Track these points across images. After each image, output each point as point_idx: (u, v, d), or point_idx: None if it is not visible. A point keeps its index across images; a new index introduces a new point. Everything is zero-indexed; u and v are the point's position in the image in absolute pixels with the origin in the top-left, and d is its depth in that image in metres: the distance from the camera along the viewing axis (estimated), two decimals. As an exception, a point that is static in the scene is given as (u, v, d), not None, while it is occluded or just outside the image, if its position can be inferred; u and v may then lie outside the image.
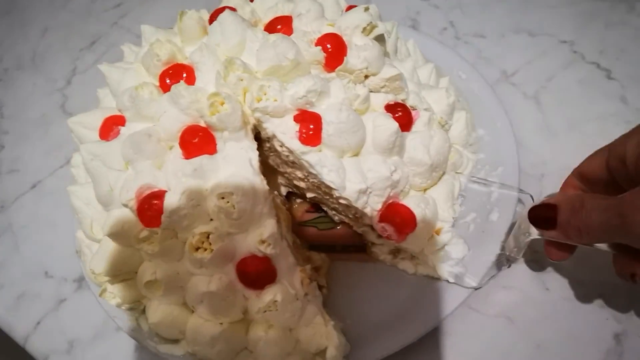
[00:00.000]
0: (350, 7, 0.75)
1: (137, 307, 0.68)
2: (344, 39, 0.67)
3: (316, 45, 0.66)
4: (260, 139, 0.67)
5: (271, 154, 0.70)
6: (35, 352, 0.75)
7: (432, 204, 0.66)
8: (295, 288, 0.60)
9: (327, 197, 0.68)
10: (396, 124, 0.62)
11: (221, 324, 0.61)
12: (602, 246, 0.55)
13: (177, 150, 0.61)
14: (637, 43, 0.91)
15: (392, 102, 0.67)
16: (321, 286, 0.68)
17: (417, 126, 0.68)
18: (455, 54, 0.90)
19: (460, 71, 0.87)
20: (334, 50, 0.66)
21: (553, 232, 0.55)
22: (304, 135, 0.62)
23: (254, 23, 0.73)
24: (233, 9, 0.72)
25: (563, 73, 0.90)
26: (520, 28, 0.97)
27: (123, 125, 0.67)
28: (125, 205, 0.60)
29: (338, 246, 0.76)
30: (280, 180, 0.74)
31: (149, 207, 0.59)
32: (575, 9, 0.97)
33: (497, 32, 0.97)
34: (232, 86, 0.62)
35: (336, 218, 0.73)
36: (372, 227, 0.67)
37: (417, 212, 0.64)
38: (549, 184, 0.78)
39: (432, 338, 0.67)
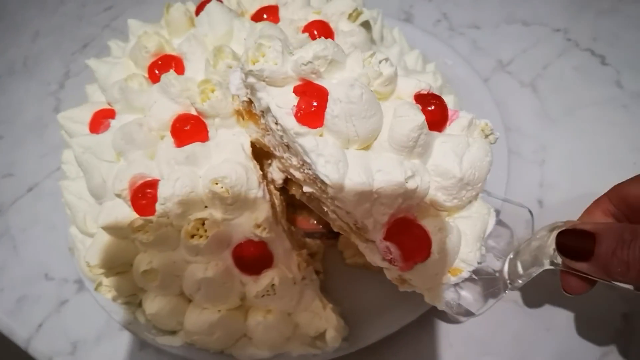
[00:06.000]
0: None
1: (133, 301, 0.68)
2: (331, 25, 0.67)
3: (303, 32, 0.66)
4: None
5: (267, 133, 0.58)
6: (38, 355, 0.74)
7: (456, 235, 0.51)
8: (292, 272, 0.60)
9: (325, 196, 0.54)
10: (422, 117, 0.48)
11: (219, 311, 0.60)
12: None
13: (169, 140, 0.61)
14: (629, 29, 0.92)
15: (426, 92, 0.53)
16: (318, 271, 0.68)
17: (452, 128, 0.54)
18: (442, 44, 0.91)
19: (446, 58, 0.89)
20: (321, 36, 0.64)
21: (584, 264, 0.47)
22: (302, 112, 0.49)
23: (240, 13, 0.73)
24: (219, 0, 0.72)
25: (558, 60, 0.91)
26: (514, 18, 0.99)
27: (113, 118, 0.67)
28: (118, 196, 0.60)
29: (332, 232, 0.74)
30: (278, 165, 0.63)
31: (143, 195, 0.59)
32: (567, -2, 0.98)
33: (491, 23, 0.99)
34: (221, 74, 0.62)
35: (337, 223, 0.58)
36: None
37: (436, 238, 0.50)
38: (550, 171, 0.78)
39: (433, 319, 0.67)
